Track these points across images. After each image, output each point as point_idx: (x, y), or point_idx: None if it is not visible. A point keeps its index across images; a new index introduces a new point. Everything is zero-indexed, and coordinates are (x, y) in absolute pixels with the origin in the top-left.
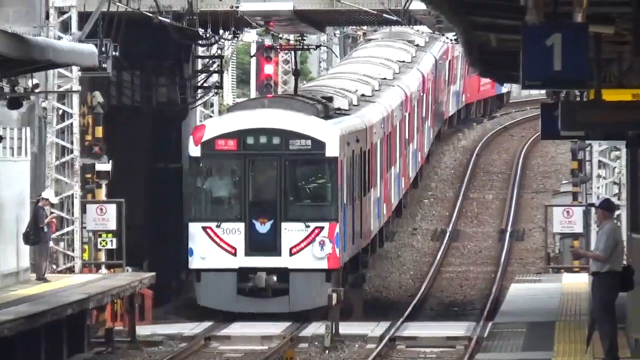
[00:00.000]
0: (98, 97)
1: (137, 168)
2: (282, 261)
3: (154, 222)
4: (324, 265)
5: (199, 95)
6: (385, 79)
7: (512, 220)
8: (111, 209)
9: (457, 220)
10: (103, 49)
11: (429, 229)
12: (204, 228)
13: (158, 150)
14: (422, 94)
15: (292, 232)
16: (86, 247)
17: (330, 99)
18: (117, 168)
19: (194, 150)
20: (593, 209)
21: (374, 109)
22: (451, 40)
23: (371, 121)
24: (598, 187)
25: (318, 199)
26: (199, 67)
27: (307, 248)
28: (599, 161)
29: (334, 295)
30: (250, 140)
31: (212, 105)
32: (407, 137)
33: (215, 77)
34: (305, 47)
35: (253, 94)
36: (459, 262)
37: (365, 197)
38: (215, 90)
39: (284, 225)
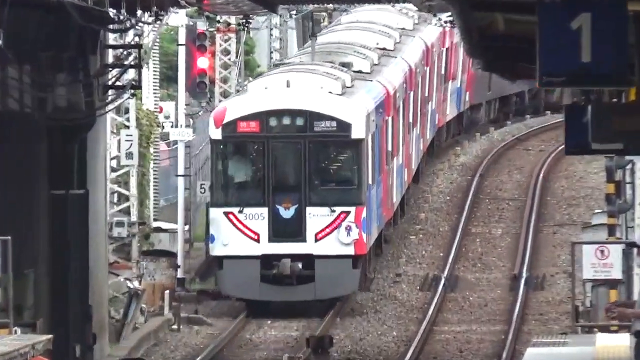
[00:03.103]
0: None
1: (28, 195)
2: (307, 247)
3: (52, 267)
4: (350, 251)
5: (109, 98)
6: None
7: (527, 263)
8: None
9: (454, 264)
10: None
11: (417, 275)
12: (226, 213)
13: (56, 171)
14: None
15: (317, 217)
16: None
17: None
18: (1, 195)
19: (215, 133)
20: (636, 249)
21: None
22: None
23: None
24: None
25: (343, 182)
26: (110, 60)
27: (332, 233)
28: None
29: None
30: (273, 122)
31: (127, 110)
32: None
33: (131, 74)
34: (250, 29)
35: (181, 94)
36: (458, 320)
37: (388, 167)
38: (132, 91)
39: (308, 210)
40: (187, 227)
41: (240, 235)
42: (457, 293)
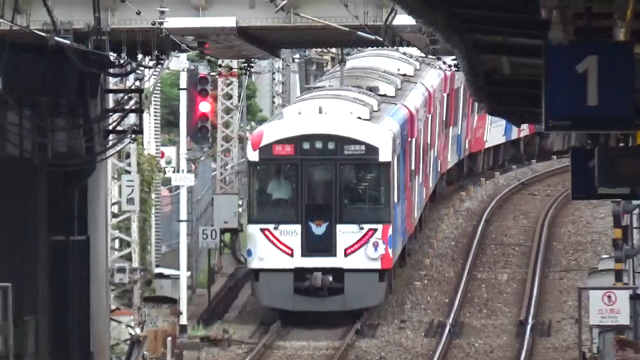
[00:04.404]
0: None
1: (28, 242)
2: (337, 261)
3: (53, 314)
4: (377, 265)
5: (110, 143)
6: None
7: (534, 309)
8: None
9: (460, 310)
10: None
11: (422, 322)
12: (262, 230)
13: (56, 217)
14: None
15: (346, 233)
16: None
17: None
18: (1, 242)
19: (252, 155)
20: None
21: None
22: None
23: None
24: None
25: (371, 201)
26: (111, 104)
27: (361, 249)
28: None
29: None
30: (306, 146)
31: (128, 155)
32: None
33: (132, 118)
34: (253, 73)
35: (183, 138)
36: None
37: (411, 185)
38: (133, 136)
39: (338, 227)
40: (189, 273)
41: (275, 249)
42: (463, 339)
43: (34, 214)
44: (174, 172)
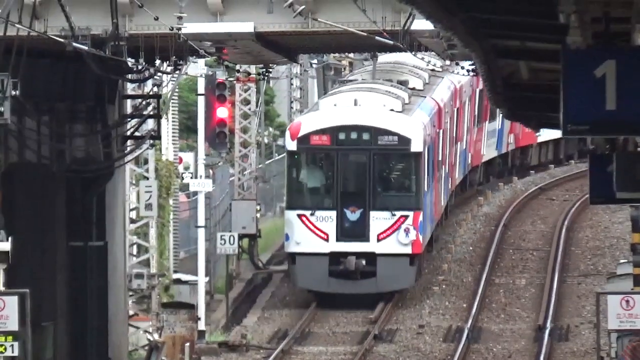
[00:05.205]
0: None
1: (47, 248)
2: (370, 246)
3: (71, 319)
4: (408, 250)
5: (128, 149)
6: (392, 110)
7: (552, 314)
8: (11, 303)
9: (478, 315)
10: None
11: (440, 327)
12: (299, 215)
13: (74, 223)
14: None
15: (379, 220)
16: None
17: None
18: (20, 247)
19: (291, 145)
20: None
21: None
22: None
23: None
24: None
25: (403, 189)
26: (129, 110)
27: (393, 234)
28: None
29: None
30: (342, 136)
31: (146, 161)
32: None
33: (150, 124)
34: (270, 79)
35: (201, 144)
36: None
37: (438, 175)
38: (151, 142)
39: (372, 213)
40: (207, 279)
41: (311, 234)
42: (481, 344)
43: (52, 220)
44: (191, 177)
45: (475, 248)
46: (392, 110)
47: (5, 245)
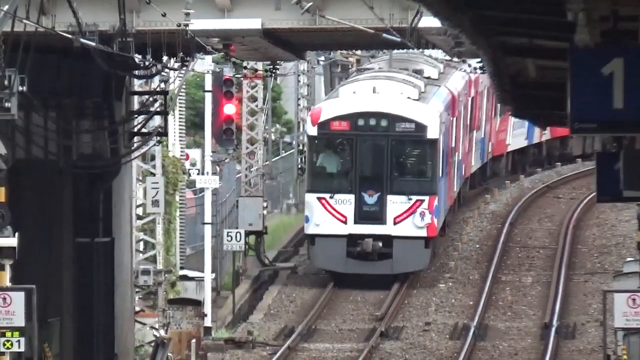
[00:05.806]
0: None
1: (53, 244)
2: (387, 229)
3: (77, 315)
4: (423, 233)
5: (135, 145)
6: (409, 98)
7: (558, 312)
8: (18, 299)
9: (484, 312)
10: (5, 82)
11: (446, 324)
12: (319, 198)
13: (81, 219)
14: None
15: (396, 203)
16: None
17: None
18: (26, 243)
19: (311, 130)
20: None
21: None
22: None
23: None
24: None
25: (419, 175)
26: (136, 106)
27: (409, 218)
28: None
29: None
30: (361, 122)
31: (153, 157)
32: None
33: (157, 121)
34: (278, 75)
35: (208, 141)
36: None
37: (452, 161)
38: (158, 138)
39: (389, 197)
40: (213, 276)
41: (330, 217)
42: (487, 342)
43: (59, 216)
44: (198, 174)
45: (482, 246)
46: (409, 98)
47: (12, 241)
